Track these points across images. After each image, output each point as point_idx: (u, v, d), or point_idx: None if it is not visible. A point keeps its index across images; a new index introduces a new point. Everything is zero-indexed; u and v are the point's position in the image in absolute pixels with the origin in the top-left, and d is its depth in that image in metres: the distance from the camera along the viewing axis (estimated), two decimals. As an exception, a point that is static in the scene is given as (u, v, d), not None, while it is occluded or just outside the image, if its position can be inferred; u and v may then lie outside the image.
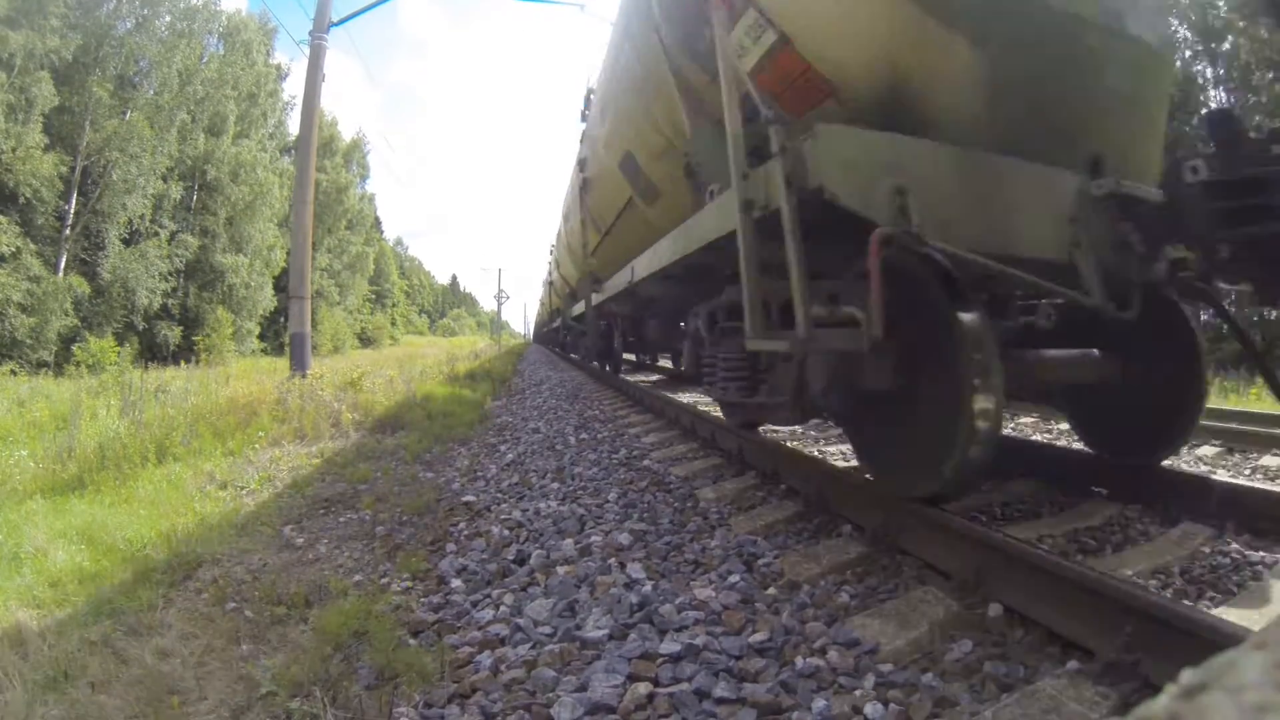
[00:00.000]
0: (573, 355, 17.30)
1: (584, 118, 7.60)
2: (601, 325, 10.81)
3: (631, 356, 15.12)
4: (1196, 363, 2.83)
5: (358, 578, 2.58)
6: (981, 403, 2.14)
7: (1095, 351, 2.91)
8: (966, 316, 2.20)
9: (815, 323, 2.20)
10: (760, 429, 4.53)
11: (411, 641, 1.97)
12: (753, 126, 2.47)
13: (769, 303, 2.48)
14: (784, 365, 2.70)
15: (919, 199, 2.11)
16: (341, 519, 3.45)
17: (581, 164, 7.96)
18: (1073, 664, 1.56)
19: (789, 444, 4.35)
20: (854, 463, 3.86)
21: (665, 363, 14.35)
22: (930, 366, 2.34)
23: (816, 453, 4.30)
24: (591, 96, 7.17)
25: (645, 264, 4.60)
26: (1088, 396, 3.23)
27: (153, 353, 23.61)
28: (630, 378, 11.19)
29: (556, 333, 20.96)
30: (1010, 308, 2.96)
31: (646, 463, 4.23)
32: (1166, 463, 3.21)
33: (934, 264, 2.22)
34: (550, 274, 20.09)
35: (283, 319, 29.06)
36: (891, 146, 2.23)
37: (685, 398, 7.46)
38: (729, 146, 2.53)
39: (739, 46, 2.79)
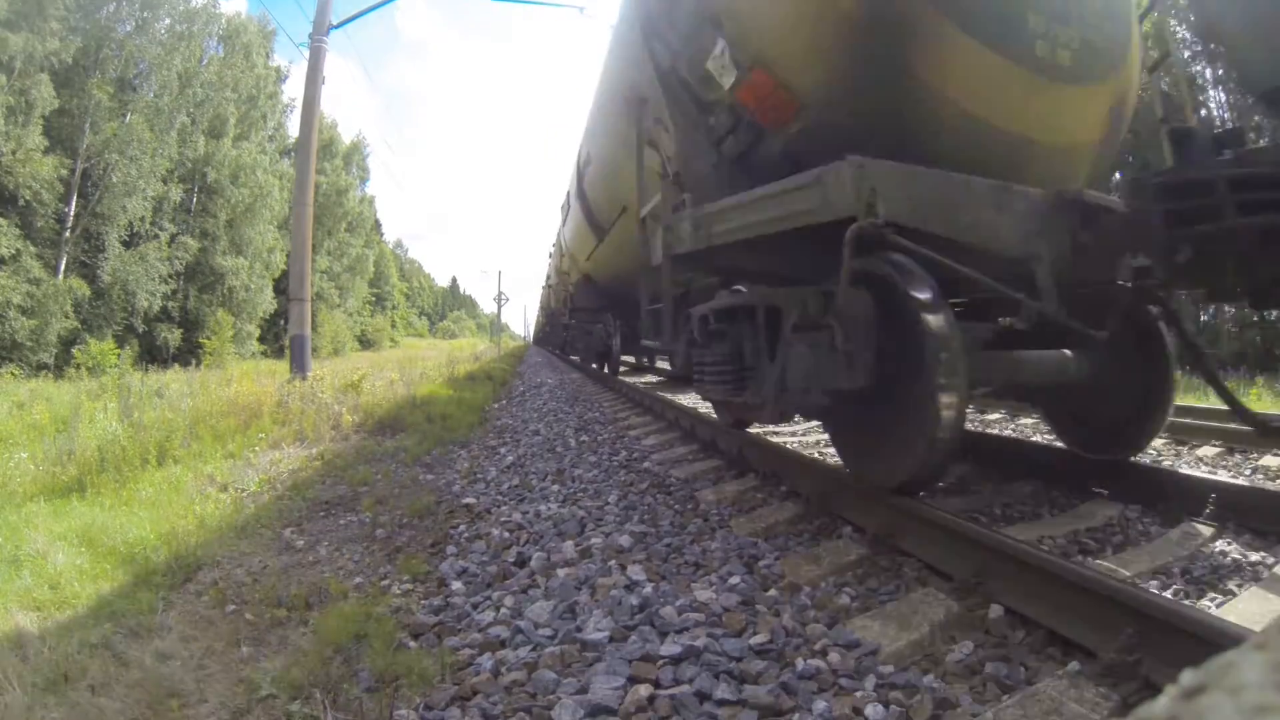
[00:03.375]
0: (572, 357, 17.59)
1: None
2: (598, 327, 11.26)
3: (630, 358, 15.21)
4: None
5: (358, 580, 2.58)
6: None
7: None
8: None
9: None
10: (759, 429, 4.56)
11: (412, 644, 1.97)
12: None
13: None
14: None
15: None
16: (342, 521, 3.44)
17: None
18: (1074, 665, 1.56)
19: (789, 446, 4.35)
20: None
21: (664, 364, 14.39)
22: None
23: (817, 455, 4.30)
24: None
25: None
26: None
27: (153, 355, 23.60)
28: (630, 379, 11.20)
29: (556, 335, 21.25)
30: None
31: (647, 465, 4.23)
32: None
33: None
34: (549, 277, 20.31)
35: (283, 321, 29.06)
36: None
37: (685, 400, 7.46)
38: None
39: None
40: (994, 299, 3.03)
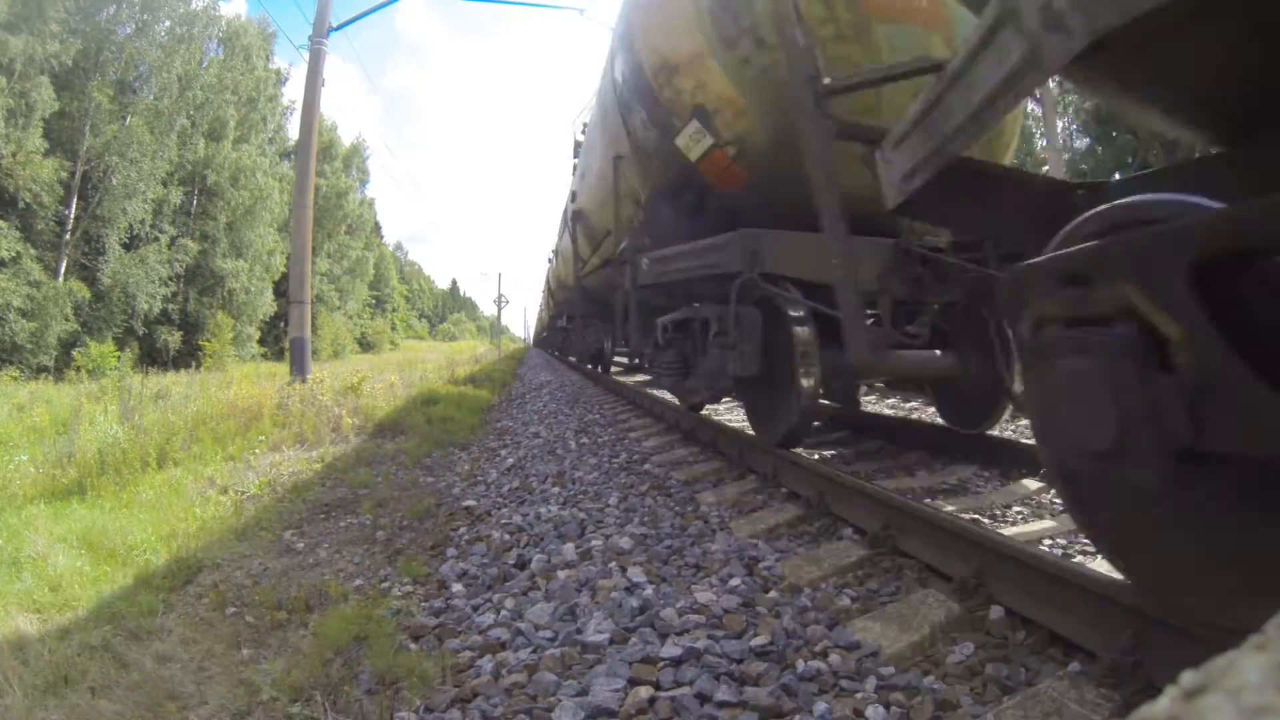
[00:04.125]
0: (570, 358, 18.54)
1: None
2: (591, 331, 12.78)
3: (624, 359, 15.59)
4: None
5: (358, 582, 2.58)
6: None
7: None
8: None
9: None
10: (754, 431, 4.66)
11: (412, 646, 1.97)
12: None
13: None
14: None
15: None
16: (342, 524, 3.44)
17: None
18: (1075, 666, 1.56)
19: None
20: (855, 466, 4.02)
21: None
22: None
23: (817, 457, 4.30)
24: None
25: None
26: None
27: (153, 358, 23.58)
28: (625, 379, 11.24)
29: (555, 337, 22.42)
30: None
31: (647, 467, 4.23)
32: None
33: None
34: (549, 283, 20.73)
35: (283, 324, 29.04)
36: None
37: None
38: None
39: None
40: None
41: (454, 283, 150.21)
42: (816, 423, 4.61)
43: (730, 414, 6.47)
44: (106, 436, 5.11)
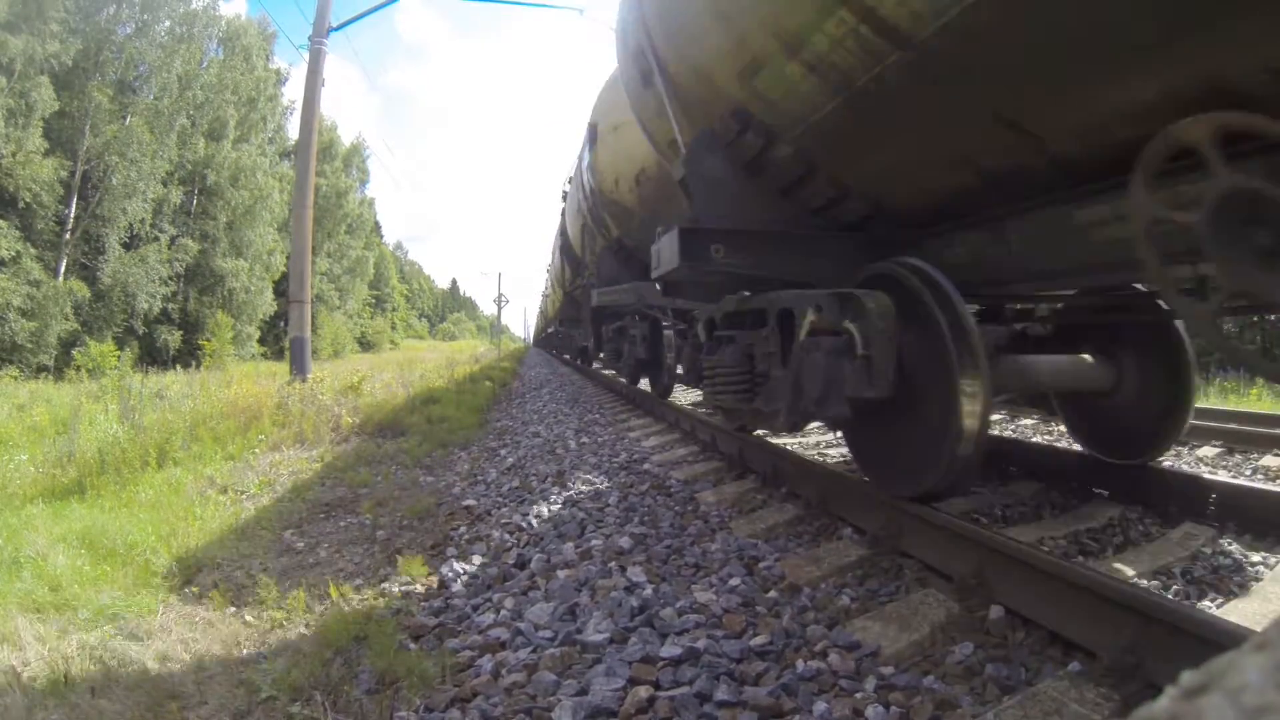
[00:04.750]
0: (565, 355, 20.07)
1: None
2: (579, 332, 13.70)
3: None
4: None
5: (358, 582, 2.58)
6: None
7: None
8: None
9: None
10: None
11: (412, 645, 1.97)
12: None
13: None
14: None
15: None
16: (342, 523, 3.44)
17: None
18: (1075, 666, 1.56)
19: (789, 447, 4.34)
20: (854, 465, 3.89)
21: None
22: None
23: (816, 455, 4.30)
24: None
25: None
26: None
27: (153, 357, 23.58)
28: (608, 372, 11.29)
29: (553, 338, 23.81)
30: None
31: (647, 466, 4.23)
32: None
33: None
34: (547, 286, 21.44)
35: (283, 323, 29.06)
36: None
37: (684, 400, 7.45)
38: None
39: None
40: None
41: (454, 282, 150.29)
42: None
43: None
44: (106, 436, 5.10)
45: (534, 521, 3.13)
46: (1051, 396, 3.44)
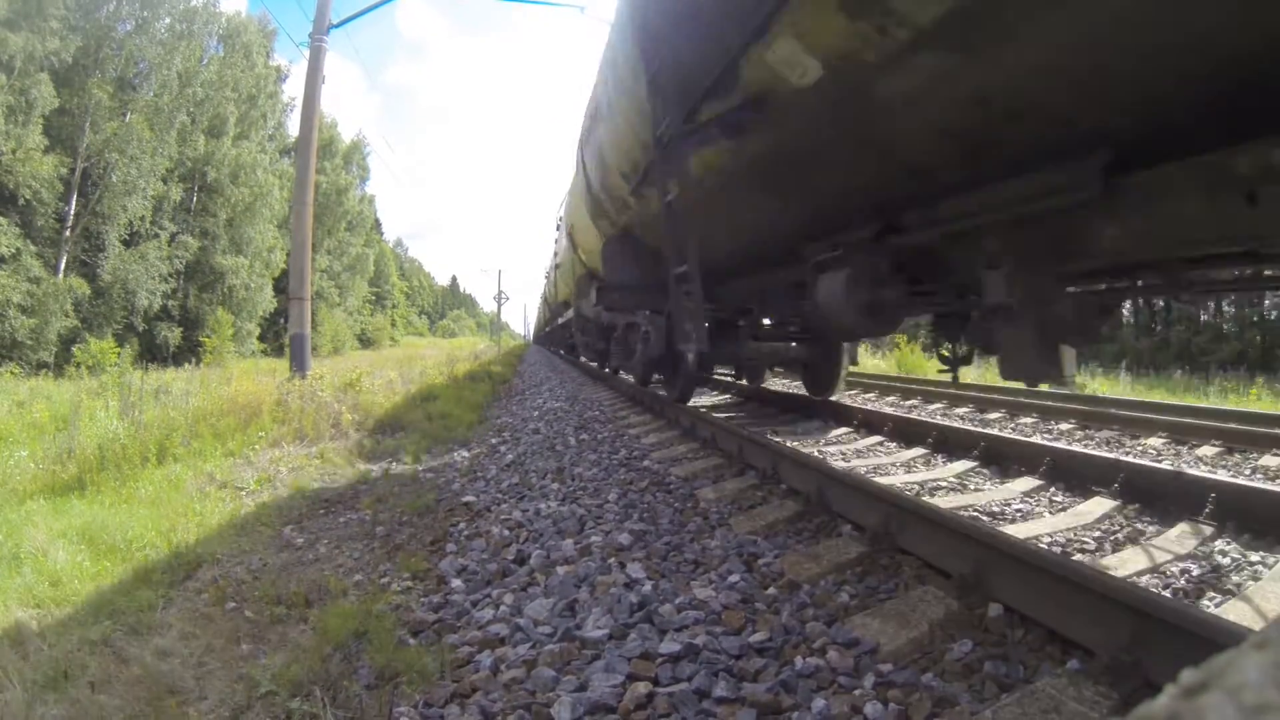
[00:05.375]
0: (561, 352, 20.33)
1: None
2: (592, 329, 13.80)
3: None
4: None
5: (358, 577, 2.58)
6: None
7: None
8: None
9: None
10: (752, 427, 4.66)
11: (411, 641, 1.97)
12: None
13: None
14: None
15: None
16: (341, 519, 3.45)
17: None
18: (1073, 663, 1.56)
19: (789, 444, 4.34)
20: (853, 464, 4.04)
21: None
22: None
23: (816, 453, 4.31)
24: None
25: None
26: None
27: (153, 354, 23.61)
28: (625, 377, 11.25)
29: (553, 335, 23.80)
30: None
31: (646, 463, 4.23)
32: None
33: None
34: (548, 282, 21.48)
35: (283, 320, 29.07)
36: None
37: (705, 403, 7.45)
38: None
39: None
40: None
41: (454, 279, 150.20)
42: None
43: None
44: (106, 432, 5.10)
45: (533, 518, 3.13)
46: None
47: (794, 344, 5.96)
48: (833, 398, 6.31)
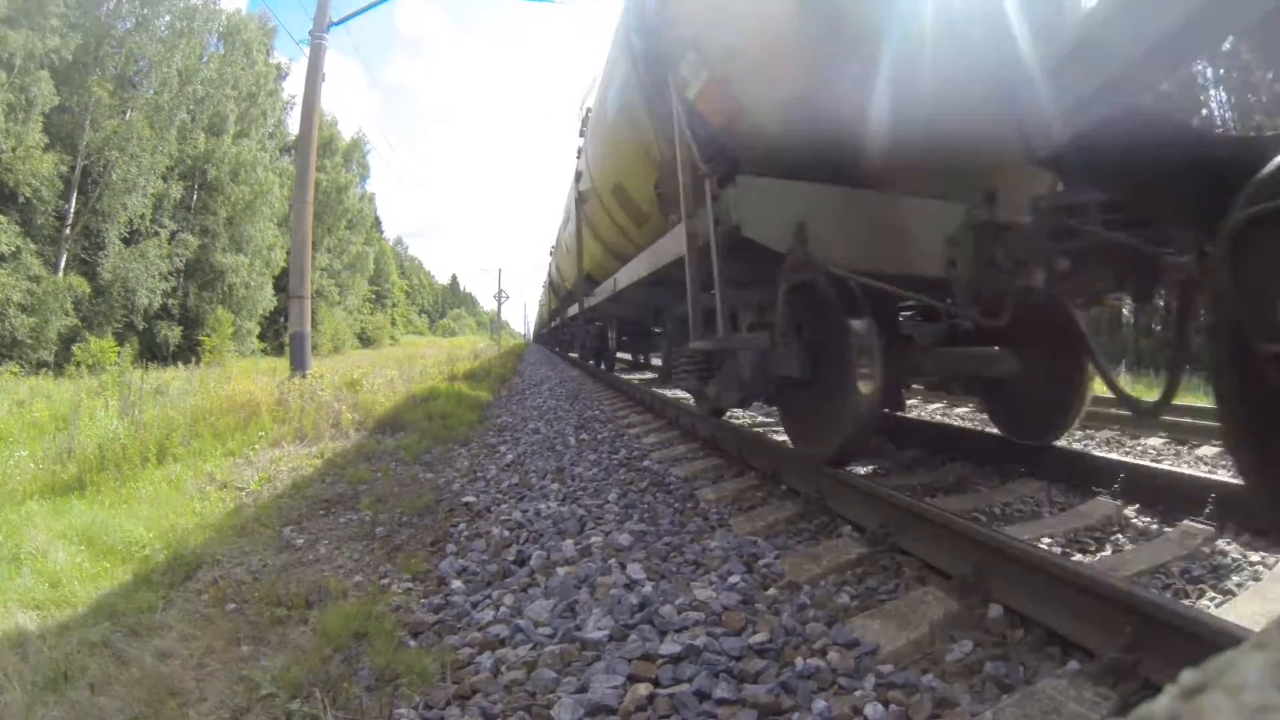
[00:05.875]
0: (570, 354, 18.97)
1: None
2: (596, 326, 12.38)
3: (627, 356, 15.47)
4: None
5: (358, 579, 2.58)
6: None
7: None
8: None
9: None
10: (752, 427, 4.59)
11: (412, 642, 1.97)
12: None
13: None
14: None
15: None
16: (341, 520, 3.45)
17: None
18: (1073, 664, 1.56)
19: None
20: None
21: (657, 360, 14.60)
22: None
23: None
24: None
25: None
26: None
27: (153, 353, 23.60)
28: (626, 376, 11.24)
29: (555, 333, 22.96)
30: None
31: (646, 463, 4.23)
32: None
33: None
34: (550, 275, 20.71)
35: (283, 319, 29.07)
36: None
37: (684, 395, 7.45)
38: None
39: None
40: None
41: (454, 278, 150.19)
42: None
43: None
44: (106, 432, 5.10)
45: (533, 518, 3.13)
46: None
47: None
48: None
